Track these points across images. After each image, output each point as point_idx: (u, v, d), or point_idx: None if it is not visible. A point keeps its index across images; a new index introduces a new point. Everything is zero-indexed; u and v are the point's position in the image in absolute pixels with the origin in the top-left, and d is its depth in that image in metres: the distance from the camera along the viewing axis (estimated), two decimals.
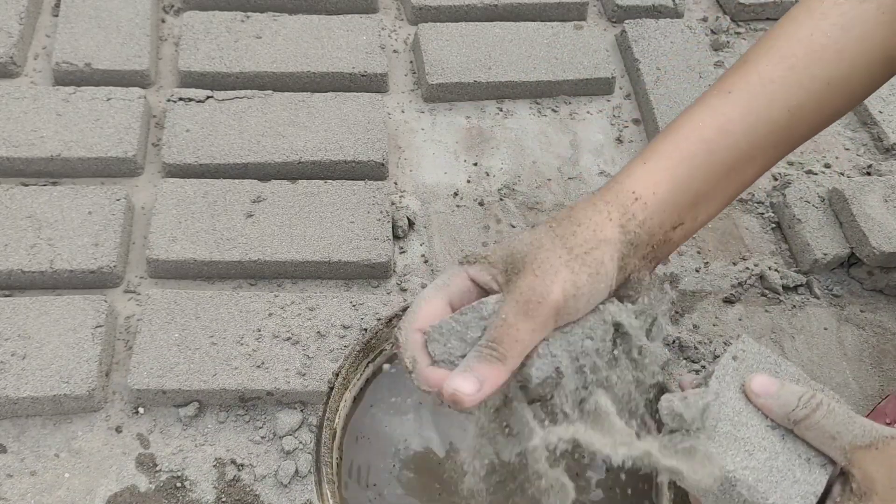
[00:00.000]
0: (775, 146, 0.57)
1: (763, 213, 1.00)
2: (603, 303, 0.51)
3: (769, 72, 0.56)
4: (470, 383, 0.46)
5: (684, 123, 0.56)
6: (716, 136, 0.54)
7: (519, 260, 0.49)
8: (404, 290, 0.90)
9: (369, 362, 0.60)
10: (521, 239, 0.50)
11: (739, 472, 0.47)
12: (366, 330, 0.81)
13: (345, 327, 0.83)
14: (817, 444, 0.48)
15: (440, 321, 0.50)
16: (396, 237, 0.94)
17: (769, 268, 0.95)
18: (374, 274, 0.90)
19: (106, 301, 0.83)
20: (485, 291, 0.51)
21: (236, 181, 0.93)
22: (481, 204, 0.99)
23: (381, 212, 0.92)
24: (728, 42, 1.19)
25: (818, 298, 0.93)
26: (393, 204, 0.96)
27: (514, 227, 0.96)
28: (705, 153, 0.54)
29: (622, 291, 0.53)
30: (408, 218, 0.95)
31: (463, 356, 0.49)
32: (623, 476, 0.58)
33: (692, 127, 0.55)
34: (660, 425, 0.51)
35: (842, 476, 0.48)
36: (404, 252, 0.93)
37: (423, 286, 0.90)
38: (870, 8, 0.56)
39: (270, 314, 0.83)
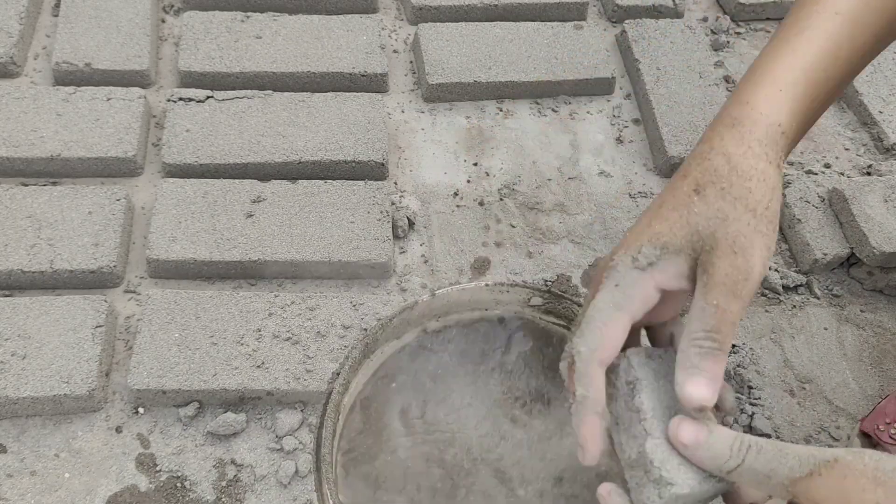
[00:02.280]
0: (864, 66, 0.56)
1: None
2: None
3: None
4: (705, 387, 0.43)
5: (800, 45, 0.52)
6: (829, 63, 0.52)
7: (708, 237, 0.44)
8: (404, 291, 0.90)
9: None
10: (696, 213, 0.45)
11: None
12: (366, 330, 0.81)
13: (345, 327, 0.83)
14: (755, 486, 0.43)
15: (637, 377, 0.45)
16: (396, 237, 0.94)
17: (769, 268, 0.94)
18: (375, 274, 0.90)
19: (106, 301, 0.83)
20: (662, 294, 0.47)
21: (236, 181, 0.93)
22: (481, 204, 0.99)
23: (382, 212, 0.92)
24: (728, 42, 1.19)
25: (818, 298, 0.93)
26: (393, 204, 0.96)
27: (514, 227, 0.96)
28: (822, 80, 0.51)
29: None
30: (408, 218, 0.95)
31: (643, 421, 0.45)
32: None
33: (809, 50, 0.51)
34: None
35: None
36: (404, 252, 0.93)
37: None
38: None
39: (270, 314, 0.83)
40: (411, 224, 0.95)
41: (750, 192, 0.45)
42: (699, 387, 0.43)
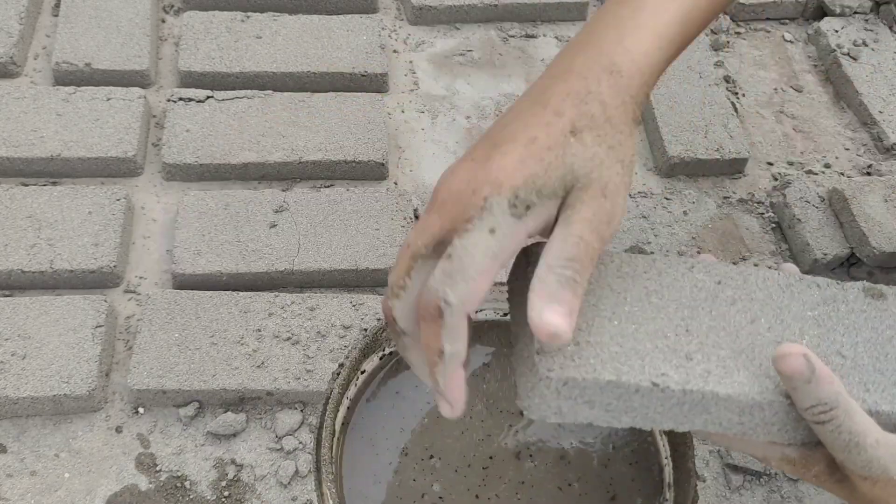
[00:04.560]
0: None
1: (763, 213, 1.00)
2: None
3: None
4: (564, 319, 0.40)
5: None
6: (702, 13, 0.51)
7: (582, 177, 0.42)
8: None
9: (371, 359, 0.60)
10: (572, 153, 0.43)
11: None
12: (366, 330, 0.81)
13: (345, 327, 0.83)
14: (823, 439, 0.44)
15: None
16: None
17: (769, 268, 0.94)
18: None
19: (106, 301, 0.83)
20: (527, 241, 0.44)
21: (257, 191, 0.93)
22: None
23: (405, 218, 0.92)
24: (728, 42, 1.19)
25: None
26: (415, 210, 0.96)
27: None
28: (693, 31, 0.51)
29: None
30: (415, 211, 0.94)
31: None
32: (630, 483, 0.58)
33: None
34: None
35: None
36: None
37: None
38: None
39: (270, 314, 0.83)
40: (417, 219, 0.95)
41: (621, 146, 0.44)
42: (556, 315, 0.40)
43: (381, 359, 0.61)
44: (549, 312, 0.40)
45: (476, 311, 0.42)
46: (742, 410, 0.44)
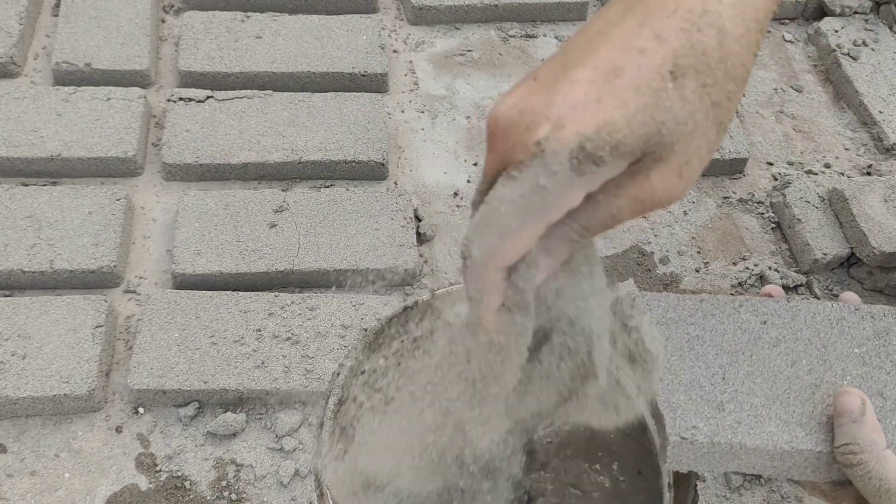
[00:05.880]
0: None
1: (763, 213, 1.00)
2: None
3: None
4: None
5: None
6: None
7: (666, 146, 0.32)
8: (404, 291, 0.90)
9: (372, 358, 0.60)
10: (668, 109, 0.32)
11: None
12: (366, 330, 0.80)
13: (345, 327, 0.83)
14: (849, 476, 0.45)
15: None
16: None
17: (769, 268, 0.94)
18: (400, 280, 0.89)
19: (106, 301, 0.83)
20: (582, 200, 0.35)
21: (257, 191, 0.93)
22: None
23: (405, 218, 0.92)
24: None
25: (818, 298, 0.93)
26: (415, 210, 0.96)
27: None
28: None
29: None
30: (415, 211, 0.94)
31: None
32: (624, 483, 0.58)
33: None
34: None
35: None
36: None
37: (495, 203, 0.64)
38: None
39: (270, 314, 0.83)
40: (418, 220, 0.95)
41: (728, 100, 0.34)
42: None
43: (384, 359, 0.61)
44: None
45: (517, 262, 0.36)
46: (773, 457, 0.46)
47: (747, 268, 0.95)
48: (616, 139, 0.31)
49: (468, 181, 1.01)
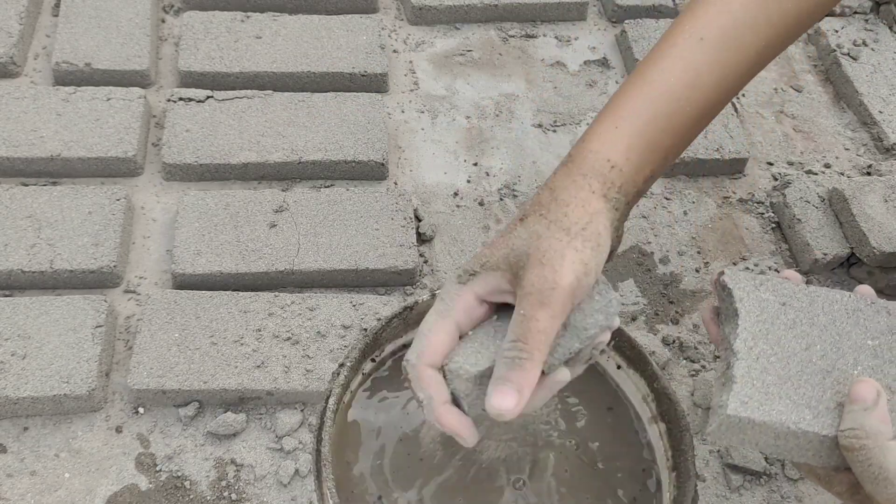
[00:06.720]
0: (742, 85, 0.57)
1: (763, 213, 1.00)
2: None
3: (741, 12, 0.54)
4: (509, 397, 0.45)
5: (654, 76, 0.54)
6: (687, 93, 0.53)
7: (522, 255, 0.48)
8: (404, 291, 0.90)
9: (371, 359, 0.60)
10: (516, 235, 0.49)
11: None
12: (366, 330, 0.81)
13: (345, 327, 0.83)
14: (854, 467, 0.47)
15: (455, 350, 0.48)
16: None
17: (769, 268, 0.94)
18: (401, 281, 0.89)
19: (106, 301, 0.83)
20: (490, 305, 0.50)
21: (257, 191, 0.93)
22: (481, 204, 0.99)
23: (405, 218, 0.92)
24: None
25: None
26: (415, 210, 0.96)
27: None
28: (676, 111, 0.53)
29: None
30: (415, 211, 0.94)
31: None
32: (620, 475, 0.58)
33: (662, 81, 0.53)
34: None
35: None
36: None
37: (427, 302, 0.89)
38: None
39: (270, 314, 0.83)
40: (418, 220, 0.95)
41: (566, 216, 0.49)
42: (502, 396, 0.45)
43: (381, 360, 0.61)
44: (496, 395, 0.45)
45: (445, 364, 0.48)
46: (777, 436, 0.46)
47: (747, 268, 0.95)
48: (482, 261, 0.49)
49: (468, 181, 1.01)
